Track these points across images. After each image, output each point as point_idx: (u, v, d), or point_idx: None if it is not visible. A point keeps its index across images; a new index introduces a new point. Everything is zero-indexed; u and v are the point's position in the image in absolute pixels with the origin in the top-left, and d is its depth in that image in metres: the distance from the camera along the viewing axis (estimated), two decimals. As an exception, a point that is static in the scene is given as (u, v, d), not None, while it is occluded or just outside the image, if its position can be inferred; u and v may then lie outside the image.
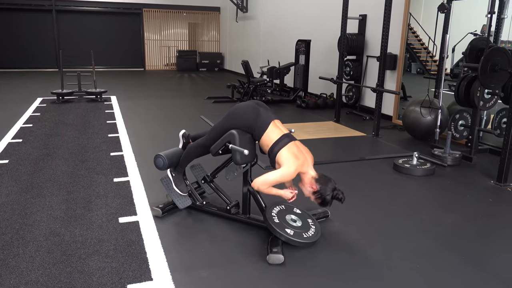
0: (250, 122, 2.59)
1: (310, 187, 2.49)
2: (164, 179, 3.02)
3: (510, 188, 3.67)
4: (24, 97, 8.09)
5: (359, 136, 5.58)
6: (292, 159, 2.46)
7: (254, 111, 2.61)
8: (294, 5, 9.55)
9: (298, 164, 2.46)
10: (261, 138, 2.58)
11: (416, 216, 3.06)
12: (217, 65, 15.07)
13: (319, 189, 2.45)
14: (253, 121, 2.58)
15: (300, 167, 2.48)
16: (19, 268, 2.24)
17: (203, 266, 2.32)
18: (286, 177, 2.47)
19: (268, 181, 2.47)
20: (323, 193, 2.44)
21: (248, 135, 2.64)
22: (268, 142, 2.54)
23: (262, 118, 2.59)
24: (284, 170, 2.45)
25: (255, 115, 2.60)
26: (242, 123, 2.61)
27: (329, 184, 2.46)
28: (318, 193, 2.46)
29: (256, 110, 2.62)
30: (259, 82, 8.24)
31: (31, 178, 3.63)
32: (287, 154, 2.47)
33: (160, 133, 5.45)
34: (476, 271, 2.36)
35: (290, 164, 2.45)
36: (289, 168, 2.44)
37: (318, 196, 2.46)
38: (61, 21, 13.87)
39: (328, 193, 2.44)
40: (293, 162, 2.45)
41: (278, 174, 2.46)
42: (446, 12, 4.68)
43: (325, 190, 2.44)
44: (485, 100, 4.46)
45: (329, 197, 2.45)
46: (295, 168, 2.45)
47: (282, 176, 2.46)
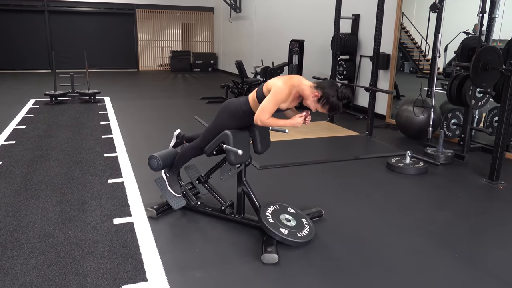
0: (236, 107, 2.62)
1: (313, 96, 2.38)
2: (159, 180, 3.02)
3: (502, 186, 3.71)
4: (16, 98, 8.04)
5: (353, 135, 5.61)
6: (276, 79, 2.44)
7: (235, 100, 2.68)
8: (287, 5, 9.57)
9: (284, 79, 2.41)
10: (250, 107, 2.58)
11: (409, 215, 3.09)
12: (211, 65, 15.05)
13: (322, 93, 2.35)
14: (238, 105, 2.62)
15: (288, 80, 2.41)
16: (13, 270, 2.23)
17: (197, 267, 2.33)
18: (279, 94, 2.38)
19: (265, 107, 2.39)
20: (328, 96, 2.34)
21: (243, 135, 2.65)
22: (253, 97, 2.56)
23: (242, 99, 2.65)
24: (273, 89, 2.39)
25: (237, 101, 2.66)
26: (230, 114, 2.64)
27: (332, 85, 2.35)
28: (323, 98, 2.35)
29: (237, 99, 2.69)
30: (253, 82, 8.25)
31: (24, 180, 3.62)
32: (271, 80, 2.47)
33: (154, 134, 5.44)
34: (468, 268, 2.38)
35: (277, 82, 2.40)
36: (277, 85, 2.38)
37: (324, 101, 2.35)
38: (54, 22, 13.79)
39: (333, 94, 2.33)
40: (278, 79, 2.43)
41: (270, 95, 2.39)
42: (438, 11, 4.72)
43: (329, 92, 2.34)
44: (477, 99, 4.50)
45: (335, 99, 2.34)
46: (283, 81, 2.39)
47: (275, 95, 2.37)
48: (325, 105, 2.38)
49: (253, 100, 2.57)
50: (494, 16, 4.78)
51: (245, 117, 2.62)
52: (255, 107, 2.55)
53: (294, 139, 5.24)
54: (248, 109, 2.59)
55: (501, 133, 3.70)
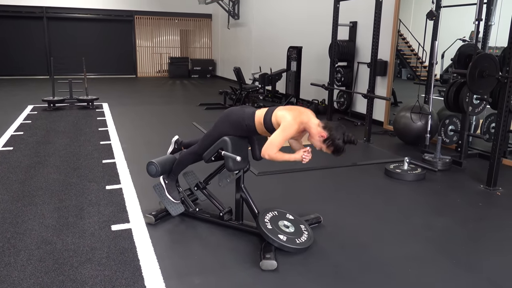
0: (239, 119, 2.60)
1: (319, 136, 2.38)
2: (157, 186, 3.02)
3: (499, 192, 3.72)
4: (15, 104, 8.04)
5: (351, 141, 5.61)
6: (286, 112, 2.42)
7: (240, 110, 2.66)
8: (285, 12, 9.62)
9: (294, 114, 2.40)
10: (255, 124, 2.56)
11: (407, 221, 3.09)
12: (209, 71, 15.09)
13: (329, 135, 2.35)
14: (241, 117, 2.60)
15: (298, 116, 2.40)
16: (10, 277, 2.22)
17: (196, 273, 2.32)
18: (288, 130, 2.37)
19: (275, 143, 2.38)
20: (334, 138, 2.34)
21: (241, 141, 2.65)
22: (260, 119, 2.53)
23: (248, 111, 2.62)
24: (283, 124, 2.38)
25: (241, 112, 2.63)
26: (232, 124, 2.62)
27: (338, 128, 2.36)
28: (328, 139, 2.36)
29: (241, 109, 2.67)
30: (251, 89, 8.27)
31: (22, 186, 3.61)
32: (280, 111, 2.44)
33: (153, 140, 5.44)
34: (467, 274, 2.38)
35: (286, 116, 2.39)
36: (286, 120, 2.37)
37: (329, 143, 2.36)
38: (52, 28, 13.82)
39: (339, 137, 2.34)
40: (288, 113, 2.41)
41: (280, 131, 2.38)
42: (435, 19, 4.76)
43: (335, 135, 2.34)
44: (474, 106, 4.52)
45: (341, 142, 2.34)
46: (293, 117, 2.38)
47: (284, 131, 2.37)
48: (330, 147, 2.39)
49: (259, 122, 2.53)
50: (490, 23, 4.83)
51: (247, 131, 2.62)
52: (260, 128, 2.55)
53: (292, 146, 5.23)
54: (252, 126, 2.57)
55: (498, 139, 3.72)
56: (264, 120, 2.50)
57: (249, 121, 2.58)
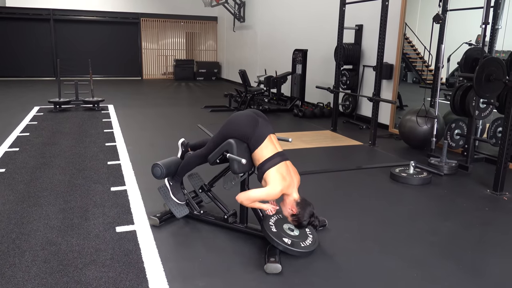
0: (248, 132, 2.60)
1: (290, 208, 2.51)
2: (162, 188, 3.02)
3: (506, 197, 3.69)
4: (21, 105, 8.09)
5: (356, 145, 5.60)
6: (279, 180, 2.48)
7: (252, 121, 2.63)
8: (290, 15, 9.63)
9: (284, 185, 2.49)
10: (255, 151, 2.59)
11: (413, 225, 3.07)
12: (214, 74, 15.12)
13: (298, 213, 2.47)
14: (251, 132, 2.59)
15: (285, 188, 2.50)
16: (15, 278, 2.23)
17: (200, 276, 2.32)
18: (270, 197, 2.50)
19: (252, 197, 2.51)
20: (300, 218, 2.47)
21: (245, 144, 2.65)
22: (260, 157, 2.56)
23: (260, 131, 2.60)
24: (269, 190, 2.48)
25: (253, 126, 2.61)
26: (239, 132, 2.62)
27: (308, 209, 2.48)
28: (296, 216, 2.48)
29: (255, 121, 2.63)
30: (256, 91, 8.27)
31: (27, 187, 3.62)
32: (275, 174, 2.50)
33: (158, 142, 5.45)
34: (473, 279, 2.36)
35: (277, 184, 2.47)
36: (275, 188, 2.47)
37: (295, 219, 2.49)
38: (59, 31, 13.91)
39: (305, 219, 2.47)
40: (280, 183, 2.48)
41: (264, 192, 2.49)
42: (441, 22, 4.74)
43: (303, 215, 2.47)
44: (481, 110, 4.49)
45: (305, 222, 2.48)
46: (281, 189, 2.48)
47: (267, 195, 2.49)
48: (294, 221, 2.51)
49: (257, 159, 2.57)
50: (497, 27, 4.80)
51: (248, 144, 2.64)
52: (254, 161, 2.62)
53: (297, 148, 5.24)
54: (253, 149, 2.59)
55: (505, 143, 3.69)
56: (261, 165, 2.55)
57: (253, 145, 2.59)
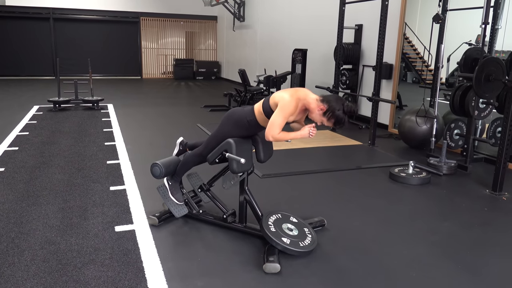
0: (240, 116, 2.62)
1: (319, 109, 2.39)
2: (161, 187, 3.02)
3: (505, 197, 3.69)
4: (20, 105, 8.08)
5: (355, 145, 5.60)
6: (282, 92, 2.44)
7: (240, 108, 2.69)
8: (290, 15, 9.63)
9: (290, 92, 2.42)
10: (256, 117, 2.58)
11: (412, 225, 3.07)
12: (214, 73, 15.11)
13: (328, 107, 2.36)
14: (242, 114, 2.62)
15: (294, 93, 2.42)
16: (14, 277, 2.23)
17: (199, 275, 2.32)
18: (287, 108, 2.38)
19: (275, 123, 2.38)
20: (333, 110, 2.35)
21: (246, 143, 2.65)
22: (259, 108, 2.56)
23: (247, 108, 2.65)
24: (281, 104, 2.39)
25: (241, 110, 2.67)
26: (235, 122, 2.64)
27: (338, 99, 2.37)
28: (328, 111, 2.36)
29: (242, 107, 2.70)
30: (256, 91, 8.27)
31: (27, 186, 3.62)
32: (277, 93, 2.47)
33: (157, 142, 5.45)
34: (472, 279, 2.36)
35: (284, 95, 2.40)
36: (284, 99, 2.38)
37: (330, 115, 2.37)
38: (59, 29, 13.90)
39: (339, 108, 2.35)
40: (285, 92, 2.43)
41: (278, 110, 2.39)
42: (441, 22, 4.74)
43: (335, 106, 2.35)
44: (480, 110, 4.50)
45: (341, 112, 2.35)
46: (289, 95, 2.40)
47: (283, 109, 2.38)
48: (331, 119, 2.39)
49: (259, 111, 2.56)
50: (497, 27, 4.80)
51: (249, 127, 2.63)
52: (261, 119, 2.57)
53: (297, 148, 5.23)
54: (253, 120, 2.60)
55: (504, 143, 3.70)
56: (263, 107, 2.52)
57: (250, 115, 2.60)
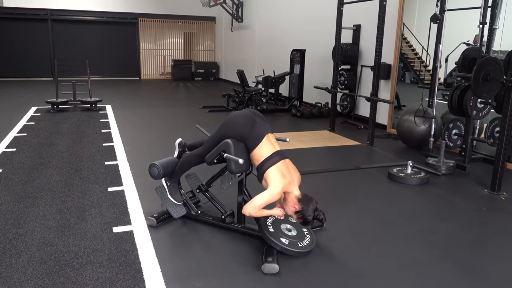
0: (246, 132, 2.60)
1: (293, 206, 2.51)
2: (159, 188, 3.01)
3: (504, 197, 3.69)
4: (18, 106, 8.06)
5: (354, 145, 5.60)
6: (279, 178, 2.49)
7: (249, 121, 2.63)
8: (289, 15, 9.63)
9: (284, 183, 2.50)
10: (253, 151, 2.59)
11: (410, 225, 3.07)
12: (212, 74, 15.11)
13: (301, 209, 2.48)
14: (249, 132, 2.59)
15: (286, 186, 2.51)
16: (11, 279, 2.22)
17: (197, 276, 2.31)
18: (273, 197, 2.49)
19: (258, 205, 2.49)
20: (304, 213, 2.47)
21: (242, 144, 2.64)
22: (259, 157, 2.56)
23: (257, 130, 2.60)
24: (271, 190, 2.48)
25: (250, 125, 2.61)
26: (237, 132, 2.61)
27: (311, 204, 2.49)
28: (300, 212, 2.48)
29: (252, 120, 2.64)
30: (254, 91, 8.27)
31: (24, 187, 3.61)
32: (275, 173, 2.50)
33: (155, 142, 5.44)
34: (470, 280, 2.36)
35: (277, 183, 2.48)
36: (276, 188, 2.47)
37: (300, 215, 2.49)
38: (57, 31, 13.88)
39: (310, 214, 2.47)
40: (280, 181, 2.48)
41: (266, 195, 2.48)
42: (439, 22, 4.74)
43: (307, 211, 2.47)
44: (478, 109, 4.50)
45: (310, 217, 2.47)
46: (282, 187, 2.49)
47: (270, 196, 2.48)
48: (299, 218, 2.51)
49: (257, 159, 2.57)
50: (495, 27, 4.81)
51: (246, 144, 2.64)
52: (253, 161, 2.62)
53: (295, 148, 5.23)
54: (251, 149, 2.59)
55: (502, 143, 3.70)
56: (260, 165, 2.56)
57: (252, 145, 2.59)
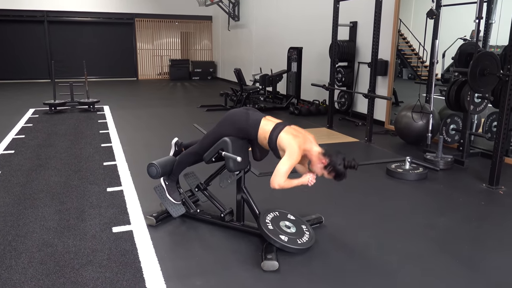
0: (242, 123, 2.60)
1: (320, 162, 2.43)
2: (158, 187, 3.01)
3: (502, 191, 3.70)
4: (16, 108, 8.05)
5: (352, 142, 5.61)
6: (292, 139, 2.45)
7: (244, 115, 2.65)
8: (285, 13, 9.62)
9: (299, 141, 2.45)
10: (258, 135, 2.57)
11: (409, 220, 3.08)
12: (210, 73, 15.10)
13: (329, 161, 2.39)
14: (245, 122, 2.60)
15: (302, 144, 2.45)
16: (11, 280, 2.22)
17: (197, 274, 2.32)
18: (293, 158, 2.42)
19: (283, 172, 2.41)
20: (334, 164, 2.38)
21: (242, 142, 2.64)
22: (265, 134, 2.54)
23: (253, 118, 2.61)
24: (288, 152, 2.42)
25: (245, 118, 2.63)
26: (235, 127, 2.62)
27: (338, 154, 2.41)
28: (329, 165, 2.40)
29: (246, 113, 2.66)
30: (252, 90, 8.27)
31: (23, 189, 3.61)
32: (286, 136, 2.47)
33: (153, 142, 5.44)
34: (470, 273, 2.37)
35: (292, 143, 2.43)
36: (292, 148, 2.41)
37: (330, 169, 2.40)
38: (53, 32, 13.85)
39: (340, 163, 2.38)
40: (294, 140, 2.44)
41: (286, 159, 2.42)
42: (435, 18, 4.74)
43: (336, 161, 2.38)
44: (476, 104, 4.51)
45: (341, 167, 2.38)
46: (298, 145, 2.43)
47: (290, 158, 2.41)
48: (331, 173, 2.43)
49: (264, 137, 2.55)
50: (491, 22, 4.81)
51: (248, 137, 2.63)
52: (262, 142, 2.58)
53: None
54: (254, 136, 2.59)
55: (500, 138, 3.71)
56: (270, 139, 2.52)
57: (253, 130, 2.58)
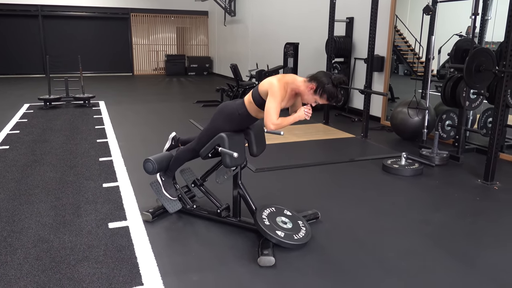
0: (232, 109, 2.62)
1: (309, 89, 2.39)
2: (154, 183, 3.00)
3: (497, 187, 3.72)
4: (10, 103, 7.99)
5: (348, 137, 5.62)
6: (269, 79, 2.45)
7: (231, 103, 2.68)
8: (281, 9, 9.60)
9: (277, 77, 2.44)
10: (247, 109, 2.58)
11: (405, 216, 3.09)
12: (206, 69, 15.06)
13: (317, 84, 2.36)
14: (233, 107, 2.62)
15: (282, 78, 2.44)
16: (7, 276, 2.21)
17: (194, 270, 2.32)
18: (277, 93, 2.38)
19: (272, 110, 2.37)
20: (323, 85, 2.34)
21: (238, 137, 2.64)
22: (249, 99, 2.56)
23: (238, 101, 2.65)
24: (271, 91, 2.39)
25: (232, 103, 2.66)
26: (227, 118, 2.63)
27: (324, 74, 2.36)
28: (318, 88, 2.35)
29: (232, 101, 2.69)
30: (248, 85, 8.25)
31: (18, 185, 3.59)
32: (264, 81, 2.47)
33: (149, 138, 5.43)
34: (465, 269, 2.38)
35: (271, 81, 2.41)
36: (272, 85, 2.39)
37: (320, 91, 2.36)
38: (48, 27, 13.75)
39: (327, 82, 2.34)
40: (272, 78, 2.44)
41: (270, 97, 2.39)
42: (431, 14, 4.75)
43: (323, 81, 2.34)
44: (471, 100, 4.52)
45: (331, 86, 2.33)
46: (277, 79, 2.41)
47: (274, 95, 2.38)
48: (323, 95, 2.38)
49: (249, 102, 2.57)
50: (487, 18, 4.82)
51: (241, 120, 2.62)
52: (252, 109, 2.57)
53: (290, 142, 5.24)
54: (244, 112, 2.59)
55: (495, 134, 3.72)
56: (253, 97, 2.53)
57: (241, 108, 2.60)
